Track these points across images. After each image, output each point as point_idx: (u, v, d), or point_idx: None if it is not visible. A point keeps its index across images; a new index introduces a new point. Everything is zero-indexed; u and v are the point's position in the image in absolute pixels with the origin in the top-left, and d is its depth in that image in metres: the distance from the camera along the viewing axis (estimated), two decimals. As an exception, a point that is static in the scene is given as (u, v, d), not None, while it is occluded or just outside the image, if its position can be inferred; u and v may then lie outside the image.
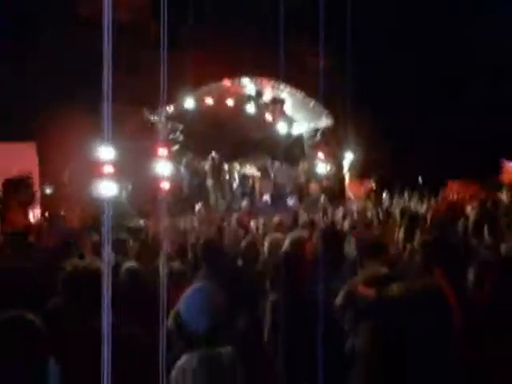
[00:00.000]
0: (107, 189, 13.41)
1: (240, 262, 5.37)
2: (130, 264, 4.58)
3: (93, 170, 13.50)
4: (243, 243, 5.48)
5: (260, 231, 8.92)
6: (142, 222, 13.81)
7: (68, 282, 2.67)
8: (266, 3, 15.19)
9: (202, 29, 16.91)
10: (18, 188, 13.33)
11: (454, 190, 11.84)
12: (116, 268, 4.30)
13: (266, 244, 5.13)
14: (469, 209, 8.37)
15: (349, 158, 21.13)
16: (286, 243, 5.00)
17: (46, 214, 16.36)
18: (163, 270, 4.09)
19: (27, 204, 13.48)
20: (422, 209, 11.50)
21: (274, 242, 5.10)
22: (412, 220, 7.25)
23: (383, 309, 1.85)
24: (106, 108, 1.52)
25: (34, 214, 15.38)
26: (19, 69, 14.37)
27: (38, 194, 15.43)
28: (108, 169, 13.83)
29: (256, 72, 19.07)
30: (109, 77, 1.47)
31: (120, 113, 15.48)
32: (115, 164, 13.99)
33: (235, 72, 19.01)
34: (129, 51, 18.21)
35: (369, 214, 10.14)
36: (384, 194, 16.67)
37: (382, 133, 21.74)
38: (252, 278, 4.64)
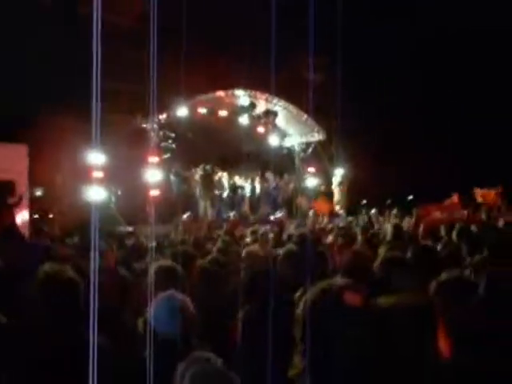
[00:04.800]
0: (96, 194, 13.43)
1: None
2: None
3: (84, 174, 13.48)
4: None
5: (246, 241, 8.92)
6: (129, 228, 13.76)
7: (41, 288, 2.66)
8: (260, 16, 15.26)
9: (197, 38, 16.93)
10: (4, 190, 13.29)
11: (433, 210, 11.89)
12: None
13: (244, 255, 5.13)
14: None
15: (339, 173, 21.17)
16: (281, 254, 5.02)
17: (35, 216, 16.29)
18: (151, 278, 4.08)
19: (14, 206, 13.41)
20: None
21: (252, 253, 5.10)
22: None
23: (370, 320, 1.81)
24: (95, 113, 1.53)
25: (22, 216, 15.31)
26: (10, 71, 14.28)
27: (27, 196, 15.34)
28: (97, 174, 13.82)
29: (250, 84, 19.13)
30: (97, 82, 1.48)
31: (112, 119, 15.51)
32: (105, 169, 13.97)
33: (230, 83, 19.06)
34: (122, 57, 18.17)
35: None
36: (372, 210, 16.69)
37: (373, 149, 21.82)
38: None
